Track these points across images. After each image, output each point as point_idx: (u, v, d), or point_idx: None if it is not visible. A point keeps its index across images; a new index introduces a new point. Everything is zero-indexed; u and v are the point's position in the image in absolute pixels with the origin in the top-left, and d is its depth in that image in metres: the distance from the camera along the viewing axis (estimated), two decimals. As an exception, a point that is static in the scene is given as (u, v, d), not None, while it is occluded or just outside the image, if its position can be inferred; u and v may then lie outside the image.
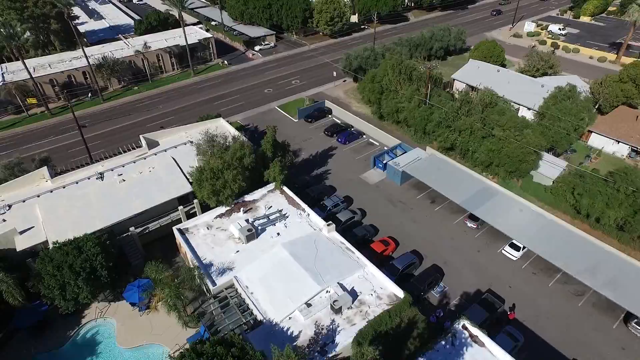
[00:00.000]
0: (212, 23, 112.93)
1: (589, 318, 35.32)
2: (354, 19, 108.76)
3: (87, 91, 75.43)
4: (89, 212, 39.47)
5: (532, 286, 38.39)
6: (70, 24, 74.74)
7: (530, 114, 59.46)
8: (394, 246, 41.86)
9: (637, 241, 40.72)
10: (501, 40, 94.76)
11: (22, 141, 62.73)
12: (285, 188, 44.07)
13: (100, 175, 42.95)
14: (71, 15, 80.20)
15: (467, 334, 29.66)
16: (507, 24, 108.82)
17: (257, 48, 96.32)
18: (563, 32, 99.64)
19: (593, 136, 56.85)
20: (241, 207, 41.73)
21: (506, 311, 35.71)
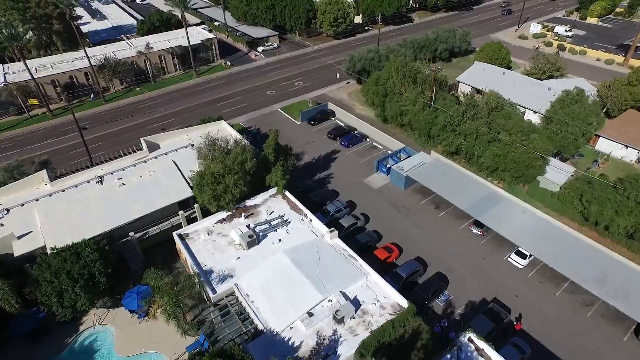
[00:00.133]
0: (215, 23, 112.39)
1: (598, 329, 34.43)
2: (358, 19, 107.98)
3: (90, 92, 75.05)
4: (88, 216, 38.89)
5: (538, 295, 37.55)
6: (72, 25, 74.30)
7: (536, 118, 58.55)
8: (397, 253, 41.10)
9: (647, 250, 39.88)
10: (506, 42, 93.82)
11: (23, 143, 62.31)
12: (287, 193, 43.40)
13: (100, 179, 42.39)
14: (73, 16, 79.66)
15: (473, 347, 28.88)
16: (513, 25, 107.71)
17: (260, 49, 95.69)
18: (569, 33, 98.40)
19: (601, 140, 55.89)
20: (242, 213, 41.09)
21: (512, 321, 34.89)
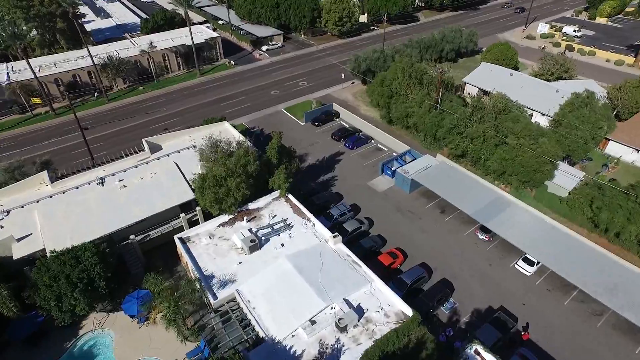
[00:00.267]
0: (220, 22, 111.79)
1: (609, 340, 33.44)
2: (363, 19, 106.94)
3: (93, 91, 74.66)
4: (89, 218, 38.40)
5: (546, 304, 36.64)
6: (75, 23, 73.89)
7: (544, 120, 57.46)
8: (402, 259, 40.32)
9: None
10: (514, 42, 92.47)
11: (25, 142, 62.00)
12: (290, 196, 42.69)
13: (101, 181, 41.90)
14: (77, 14, 79.43)
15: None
16: (520, 25, 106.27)
17: (265, 48, 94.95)
18: (578, 34, 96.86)
19: (611, 144, 54.66)
20: (244, 216, 40.46)
21: (520, 331, 34.02)
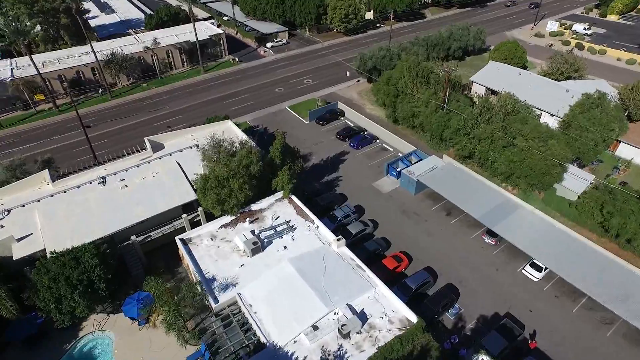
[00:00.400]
0: (224, 18, 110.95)
1: (619, 351, 32.54)
2: (369, 16, 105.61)
3: (98, 87, 74.20)
4: (90, 218, 37.97)
5: (554, 311, 35.80)
6: (78, 19, 73.36)
7: (553, 121, 56.31)
8: (407, 262, 39.57)
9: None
10: (522, 40, 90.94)
11: (28, 139, 61.61)
12: (293, 197, 42.03)
13: (103, 180, 41.41)
14: (81, 10, 78.90)
15: (485, 369, 27.44)
16: (529, 22, 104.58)
17: (269, 45, 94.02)
18: (588, 32, 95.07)
19: (622, 146, 53.52)
20: (247, 217, 39.85)
21: (527, 339, 33.22)
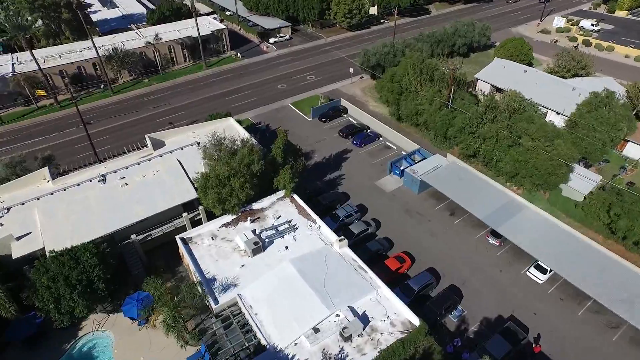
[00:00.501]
0: (227, 13, 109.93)
1: (625, 356, 32.00)
2: (373, 11, 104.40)
3: (99, 83, 73.72)
4: (90, 217, 37.63)
5: (559, 314, 35.28)
6: (80, 14, 72.74)
7: (559, 119, 55.43)
8: (409, 263, 39.10)
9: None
10: (528, 37, 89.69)
11: (29, 135, 61.29)
12: (295, 196, 41.53)
13: (103, 178, 41.04)
14: (82, 4, 78.27)
15: (489, 375, 26.99)
16: (535, 18, 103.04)
17: (272, 40, 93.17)
18: (596, 28, 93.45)
19: (629, 145, 52.63)
20: (248, 217, 39.42)
21: (531, 342, 32.76)
